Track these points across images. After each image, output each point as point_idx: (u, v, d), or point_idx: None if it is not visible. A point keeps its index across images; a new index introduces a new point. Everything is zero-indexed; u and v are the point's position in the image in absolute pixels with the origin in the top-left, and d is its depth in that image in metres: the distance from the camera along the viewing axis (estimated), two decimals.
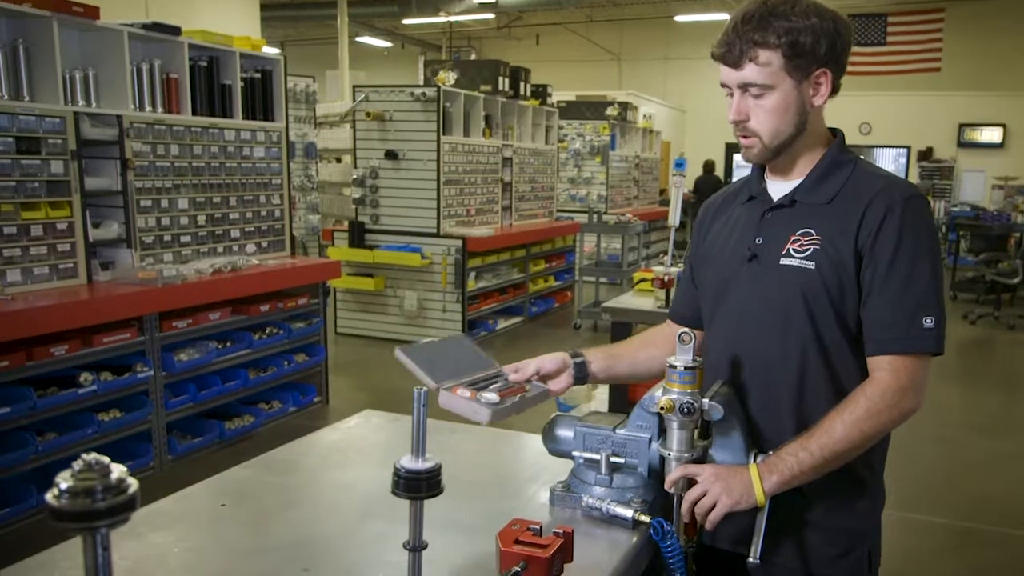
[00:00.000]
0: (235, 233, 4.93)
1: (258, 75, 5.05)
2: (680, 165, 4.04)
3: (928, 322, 1.43)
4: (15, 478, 3.62)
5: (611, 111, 10.90)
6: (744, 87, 1.48)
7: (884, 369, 1.45)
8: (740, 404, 1.56)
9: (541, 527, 1.14)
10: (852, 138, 1.66)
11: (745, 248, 1.58)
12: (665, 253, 4.38)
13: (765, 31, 1.43)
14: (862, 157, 1.60)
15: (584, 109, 11.09)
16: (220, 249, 4.83)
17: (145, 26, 4.24)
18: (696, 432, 1.49)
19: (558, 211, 9.87)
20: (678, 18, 16.10)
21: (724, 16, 16.03)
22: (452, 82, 7.28)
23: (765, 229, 1.57)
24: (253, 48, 4.95)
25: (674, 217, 4.43)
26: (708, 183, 15.33)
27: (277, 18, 14.97)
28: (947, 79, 13.68)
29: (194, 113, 4.58)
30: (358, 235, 7.18)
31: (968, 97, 15.25)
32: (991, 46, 14.98)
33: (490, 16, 16.38)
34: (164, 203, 4.44)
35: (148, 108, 4.36)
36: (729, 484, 1.41)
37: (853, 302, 1.48)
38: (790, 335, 1.52)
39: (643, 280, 4.41)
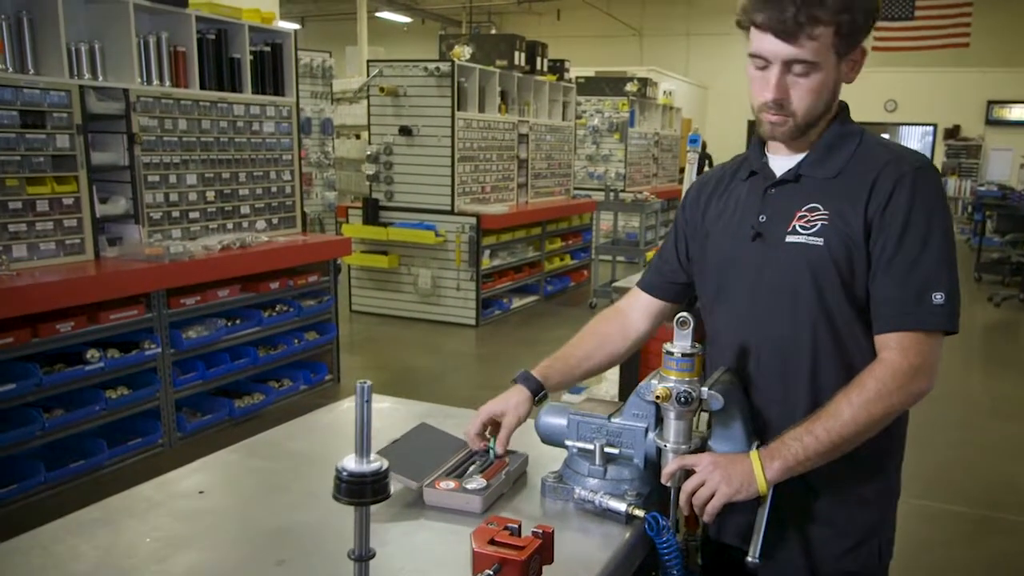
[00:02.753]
0: (245, 209, 4.89)
1: (268, 49, 4.97)
2: (695, 141, 3.94)
3: (938, 298, 1.35)
4: (23, 455, 3.62)
5: (630, 87, 10.73)
6: (790, 63, 1.37)
7: (892, 348, 1.37)
8: (745, 392, 1.49)
9: (519, 526, 1.07)
10: (877, 115, 1.62)
11: (748, 226, 1.49)
12: None
13: (824, 4, 1.32)
14: (866, 130, 1.52)
15: (603, 85, 10.93)
16: (230, 226, 4.79)
17: None
18: (695, 422, 1.42)
19: (576, 189, 9.75)
20: None
21: None
22: (467, 57, 7.17)
23: (769, 206, 1.49)
24: (263, 21, 4.87)
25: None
26: None
27: None
28: (975, 55, 13.29)
29: (202, 87, 4.52)
30: (372, 212, 7.12)
31: (997, 73, 14.87)
32: (1019, 22, 14.58)
33: None
34: (172, 179, 4.39)
35: (156, 82, 4.30)
36: (728, 472, 1.34)
37: (863, 277, 1.41)
38: (800, 315, 1.44)
39: None
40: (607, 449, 1.45)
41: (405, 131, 6.94)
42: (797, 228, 1.43)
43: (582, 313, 8.02)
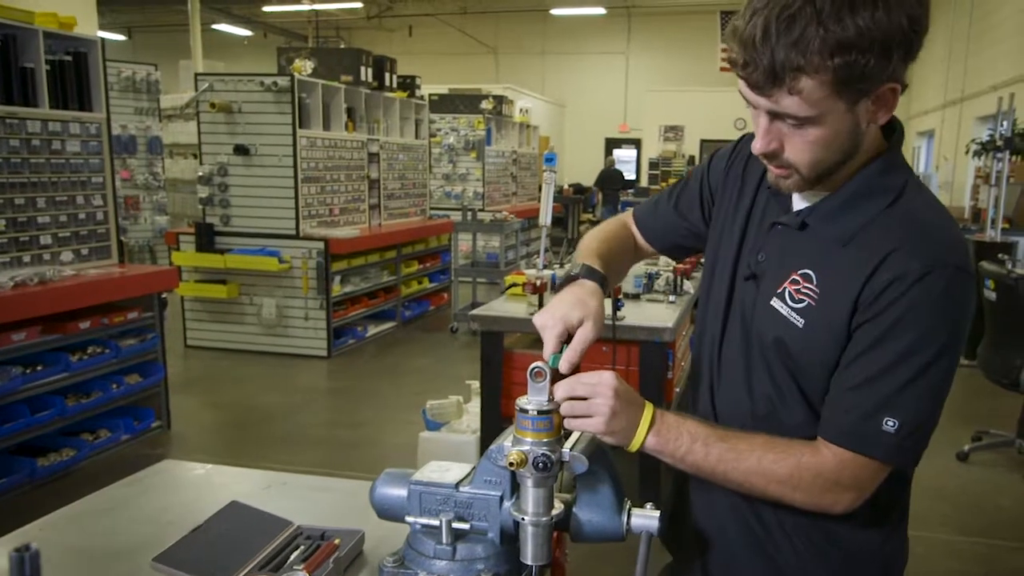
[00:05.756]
0: (46, 239, 4.27)
1: (69, 58, 4.38)
2: (551, 160, 3.72)
3: (889, 424, 1.11)
4: None
5: (486, 105, 10.58)
6: (776, 116, 1.10)
7: (830, 456, 1.16)
8: (608, 452, 1.25)
9: None
10: (727, 133, 1.34)
11: (746, 263, 1.29)
12: (539, 254, 4.04)
13: (806, 48, 1.00)
14: (915, 178, 1.21)
15: (458, 102, 10.72)
16: (27, 259, 4.16)
17: None
18: (558, 487, 1.20)
19: (432, 209, 9.46)
20: (554, 11, 15.98)
21: (599, 10, 16.17)
22: (309, 72, 6.75)
23: (770, 244, 1.27)
24: (61, 27, 4.29)
25: (545, 216, 4.10)
26: (611, 177, 15.32)
27: (122, 1, 13.87)
28: None
29: None
30: (207, 238, 6.54)
31: None
32: None
33: (358, 5, 15.78)
34: None
35: None
36: (616, 413, 1.14)
37: (825, 381, 1.19)
38: (757, 380, 1.26)
39: (514, 285, 4.03)
40: (455, 524, 1.18)
41: (241, 150, 6.42)
42: (785, 294, 1.21)
43: (443, 337, 7.72)
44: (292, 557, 1.20)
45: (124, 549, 1.30)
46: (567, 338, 1.21)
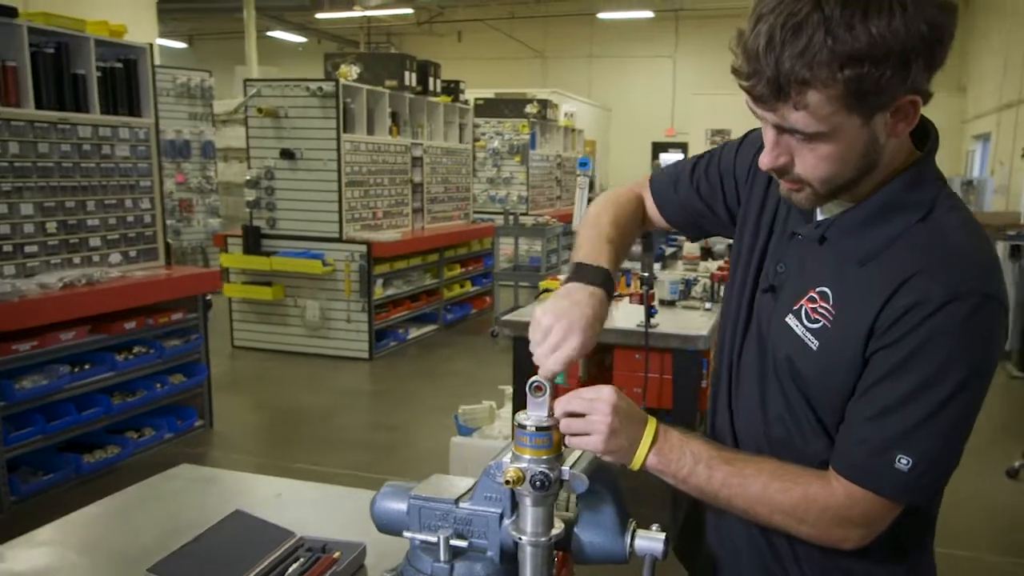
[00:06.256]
0: (95, 242, 4.39)
1: (120, 65, 4.50)
2: (584, 164, 3.70)
3: (902, 462, 1.03)
4: None
5: (530, 109, 10.57)
6: (783, 130, 1.03)
7: (840, 488, 1.08)
8: (613, 470, 1.22)
9: None
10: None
11: (766, 272, 1.22)
12: None
13: (812, 60, 0.92)
14: (947, 192, 1.10)
15: (503, 107, 10.74)
16: (77, 260, 4.28)
17: None
18: (560, 504, 1.16)
19: (476, 213, 9.48)
20: (601, 15, 15.91)
21: (647, 14, 16.05)
22: (355, 77, 6.82)
23: (790, 256, 1.19)
24: (112, 34, 4.41)
25: (578, 220, 4.08)
26: None
27: (182, 10, 14.23)
28: None
29: (39, 107, 4.03)
30: (253, 241, 6.65)
31: None
32: None
33: (409, 12, 15.91)
34: (2, 208, 3.88)
35: None
36: (615, 432, 1.09)
37: (840, 410, 1.11)
38: (771, 401, 1.19)
39: (547, 290, 4.02)
40: (453, 542, 1.15)
41: (287, 154, 6.52)
42: (802, 312, 1.13)
43: (484, 341, 7.73)
44: (290, 570, 1.18)
45: (128, 555, 1.31)
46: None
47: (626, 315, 3.49)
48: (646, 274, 3.14)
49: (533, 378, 1.11)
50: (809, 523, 1.09)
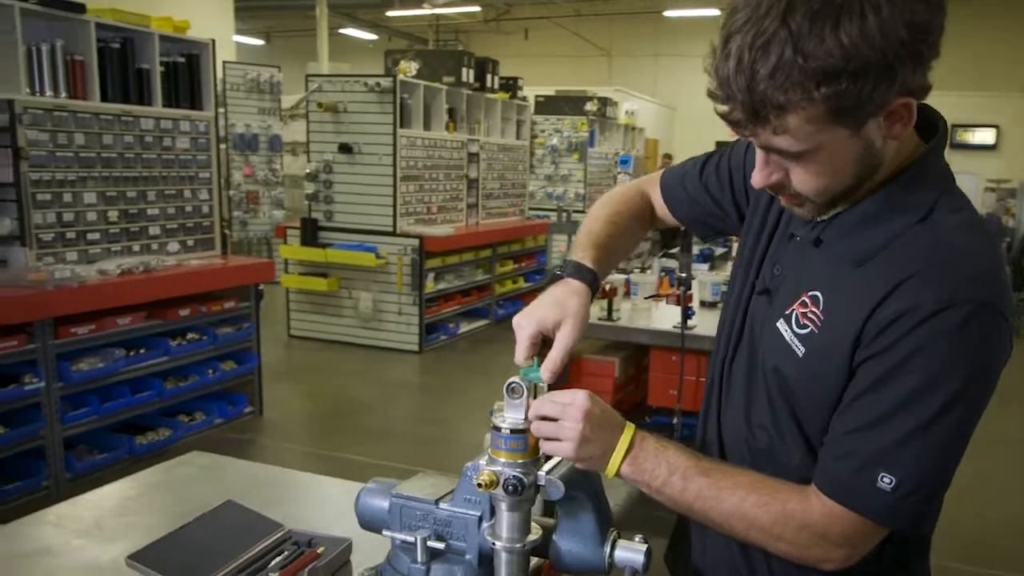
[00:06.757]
0: (154, 230, 4.55)
1: (183, 60, 4.65)
2: (625, 162, 3.67)
3: (884, 481, 0.97)
4: None
5: (590, 107, 10.51)
6: (770, 149, 0.99)
7: (819, 505, 1.03)
8: (596, 477, 1.20)
9: None
10: None
11: (763, 275, 1.19)
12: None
13: (784, 82, 0.87)
14: (952, 191, 1.05)
15: (563, 104, 10.70)
16: (137, 248, 4.44)
17: (41, 2, 3.84)
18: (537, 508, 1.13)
19: (533, 210, 9.49)
20: (668, 13, 15.71)
21: (713, 12, 15.75)
22: (413, 73, 6.89)
23: (786, 258, 1.15)
24: (175, 30, 4.56)
25: None
26: None
27: (259, 8, 14.59)
28: (938, 78, 13.27)
29: (104, 99, 4.19)
30: (311, 233, 6.79)
31: (960, 97, 14.84)
32: (984, 45, 14.58)
33: (476, 9, 15.99)
34: (67, 197, 4.05)
35: (49, 93, 3.97)
36: (588, 440, 1.06)
37: (824, 418, 1.06)
38: (756, 409, 1.16)
39: None
40: (431, 543, 1.13)
41: (345, 149, 6.64)
42: (792, 317, 1.09)
43: None
44: (272, 563, 1.19)
45: (127, 540, 1.36)
46: (545, 343, 1.14)
47: (663, 316, 3.45)
48: (683, 275, 3.10)
49: (511, 379, 1.10)
50: (786, 540, 1.04)
